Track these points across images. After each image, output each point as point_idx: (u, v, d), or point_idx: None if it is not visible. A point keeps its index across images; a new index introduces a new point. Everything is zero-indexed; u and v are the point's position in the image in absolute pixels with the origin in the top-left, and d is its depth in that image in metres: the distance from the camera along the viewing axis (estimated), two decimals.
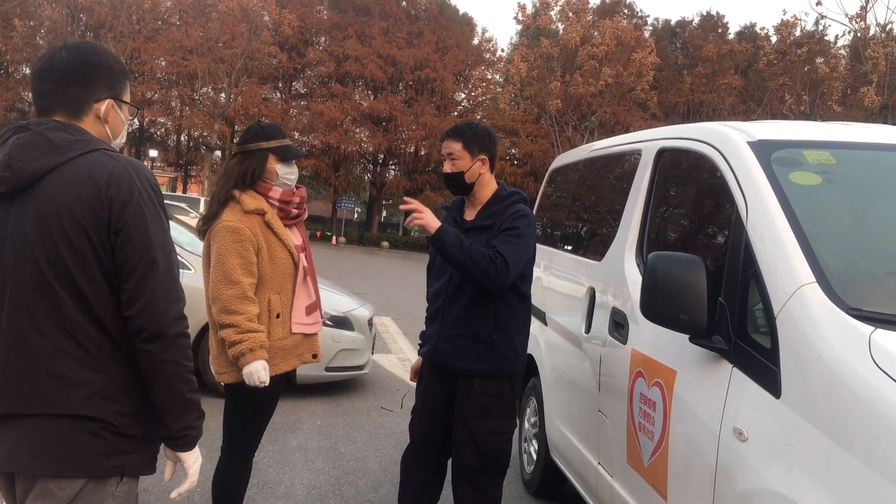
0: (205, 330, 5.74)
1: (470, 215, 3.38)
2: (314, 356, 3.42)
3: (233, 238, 3.10)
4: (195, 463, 2.02)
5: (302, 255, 3.33)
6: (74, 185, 1.81)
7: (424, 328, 3.52)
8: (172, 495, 2.06)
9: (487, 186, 3.37)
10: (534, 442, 4.80)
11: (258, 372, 3.06)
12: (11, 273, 1.84)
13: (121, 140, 2.05)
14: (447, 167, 3.35)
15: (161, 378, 1.88)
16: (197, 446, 2.02)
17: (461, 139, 3.31)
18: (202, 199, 24.14)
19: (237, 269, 3.08)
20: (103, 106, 1.95)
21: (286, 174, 3.29)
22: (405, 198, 3.21)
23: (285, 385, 3.41)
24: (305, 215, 3.46)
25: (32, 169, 1.82)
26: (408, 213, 3.13)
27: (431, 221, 3.09)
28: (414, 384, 3.61)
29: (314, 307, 3.40)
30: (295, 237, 3.34)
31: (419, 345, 3.61)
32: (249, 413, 3.28)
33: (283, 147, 3.28)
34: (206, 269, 3.21)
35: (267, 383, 3.10)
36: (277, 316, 3.23)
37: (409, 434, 3.55)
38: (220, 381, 3.26)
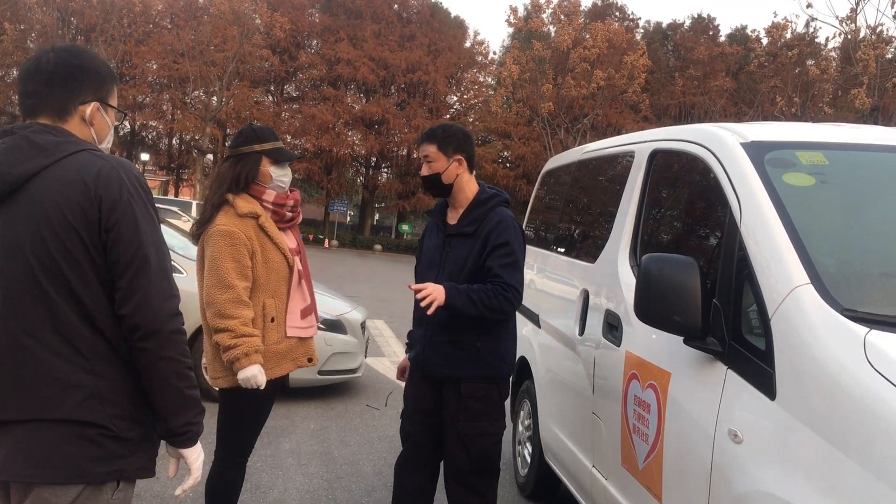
0: (198, 333, 5.71)
1: (452, 219, 3.36)
2: (309, 360, 3.39)
3: (227, 242, 3.08)
4: (198, 459, 2.01)
5: (296, 258, 3.31)
6: (63, 187, 1.79)
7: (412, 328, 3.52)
8: (177, 492, 2.04)
9: (467, 188, 3.35)
10: (528, 445, 4.78)
11: (254, 377, 3.05)
12: (3, 277, 1.82)
13: (107, 144, 2.04)
14: (424, 170, 3.35)
15: (159, 376, 1.86)
16: (199, 442, 2.01)
17: (435, 141, 3.30)
18: (194, 203, 24.08)
19: (231, 273, 3.06)
20: (88, 108, 1.94)
21: (280, 176, 3.27)
22: (412, 286, 3.11)
23: (278, 389, 3.39)
24: (300, 218, 3.44)
25: (19, 172, 1.81)
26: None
27: (441, 297, 3.03)
28: (400, 383, 3.60)
29: (309, 310, 3.39)
30: (289, 240, 3.32)
31: (406, 344, 3.60)
32: (244, 418, 3.26)
33: (276, 149, 3.26)
34: (200, 274, 3.19)
35: (263, 387, 3.09)
36: (272, 320, 3.21)
37: (400, 439, 3.54)
38: (214, 385, 3.25)
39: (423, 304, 3.02)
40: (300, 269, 3.33)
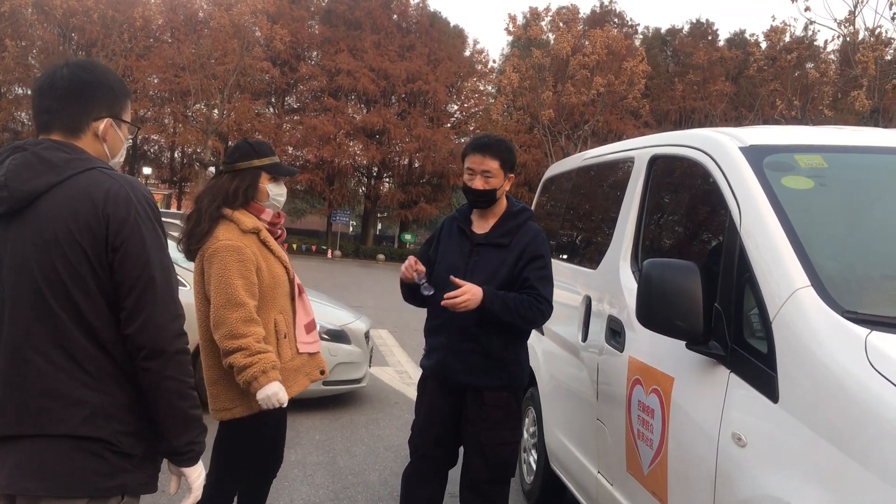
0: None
1: (480, 227, 3.34)
2: (321, 372, 3.33)
3: (235, 258, 2.95)
4: (199, 477, 2.03)
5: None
6: (71, 205, 1.80)
7: (424, 340, 3.48)
8: None
9: (500, 200, 3.37)
10: (533, 452, 4.78)
11: (275, 394, 2.90)
12: (9, 293, 1.83)
13: (119, 159, 2.05)
14: (480, 184, 3.23)
15: (162, 395, 1.88)
16: (200, 461, 2.03)
17: (499, 158, 3.24)
18: None
19: (241, 291, 2.92)
20: (102, 124, 1.95)
21: (277, 195, 3.17)
22: (453, 278, 3.07)
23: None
24: (284, 236, 3.35)
25: (29, 189, 1.82)
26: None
27: (475, 299, 3.02)
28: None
29: (312, 325, 3.32)
30: None
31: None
32: (259, 448, 3.13)
33: (274, 164, 3.16)
34: (199, 291, 3.05)
35: (285, 404, 2.97)
36: (284, 336, 3.11)
37: (409, 449, 3.52)
38: (222, 417, 3.07)
39: (456, 301, 2.98)
40: (299, 282, 3.27)
